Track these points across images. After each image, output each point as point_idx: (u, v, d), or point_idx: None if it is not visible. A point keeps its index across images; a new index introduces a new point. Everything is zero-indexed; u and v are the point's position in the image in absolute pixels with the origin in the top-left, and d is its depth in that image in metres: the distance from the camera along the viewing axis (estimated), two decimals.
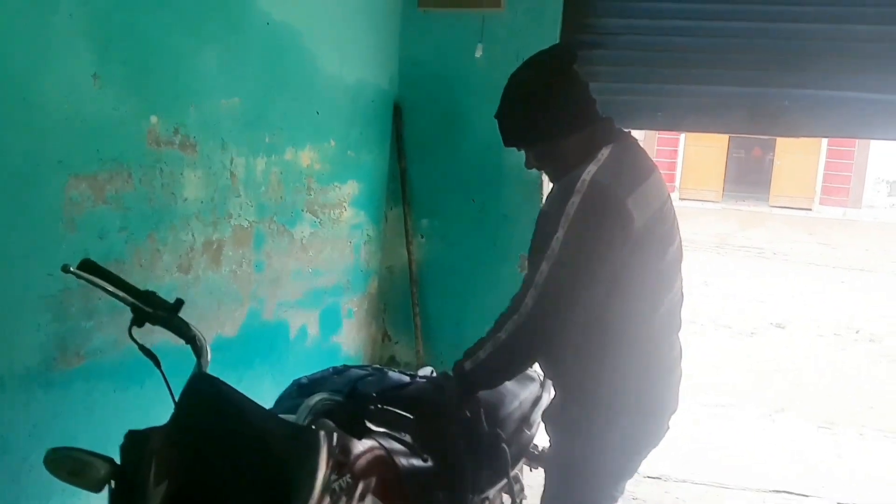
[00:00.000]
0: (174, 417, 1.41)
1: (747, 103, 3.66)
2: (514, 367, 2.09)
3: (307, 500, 1.32)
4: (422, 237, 4.15)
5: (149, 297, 1.70)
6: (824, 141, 19.52)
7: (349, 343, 3.93)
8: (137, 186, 2.39)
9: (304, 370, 2.29)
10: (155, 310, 1.68)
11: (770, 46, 3.58)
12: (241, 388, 1.53)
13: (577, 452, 2.08)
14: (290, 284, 3.33)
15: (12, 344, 2.04)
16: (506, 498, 2.52)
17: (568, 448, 2.10)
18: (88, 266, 1.69)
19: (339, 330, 3.82)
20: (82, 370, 2.26)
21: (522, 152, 2.14)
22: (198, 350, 1.64)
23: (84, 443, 2.20)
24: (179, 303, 1.70)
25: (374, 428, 1.59)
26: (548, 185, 3.97)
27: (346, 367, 2.27)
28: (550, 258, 1.89)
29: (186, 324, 1.67)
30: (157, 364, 1.63)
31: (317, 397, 1.49)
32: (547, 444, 2.30)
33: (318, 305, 3.58)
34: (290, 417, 1.51)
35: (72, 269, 1.61)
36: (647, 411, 2.06)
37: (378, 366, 2.54)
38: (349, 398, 1.56)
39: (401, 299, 4.20)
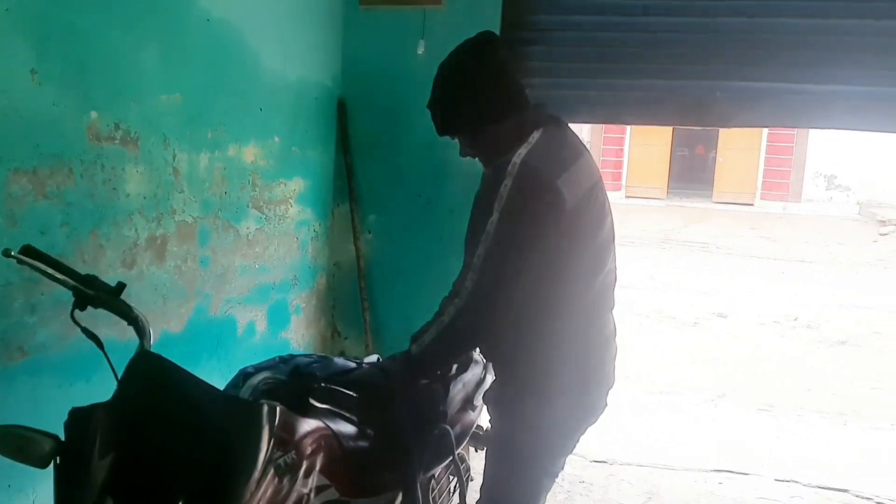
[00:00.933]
0: (118, 393, 1.44)
1: (681, 96, 3.76)
2: (458, 349, 2.16)
3: (250, 473, 1.36)
4: (369, 233, 4.19)
5: (90, 281, 1.72)
6: (764, 138, 20.03)
7: (298, 339, 3.95)
8: (79, 182, 2.39)
9: (251, 364, 2.32)
10: (97, 292, 1.70)
11: (702, 40, 3.69)
12: None
13: (514, 431, 2.14)
14: (237, 280, 3.34)
15: None
16: (452, 478, 2.59)
17: (506, 427, 2.17)
18: (30, 251, 1.70)
19: (287, 326, 3.84)
20: (26, 365, 2.26)
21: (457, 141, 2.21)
22: (140, 330, 1.67)
23: None
24: (121, 286, 1.72)
25: (318, 405, 1.63)
26: None
27: (292, 356, 2.31)
28: (486, 241, 1.95)
29: (128, 305, 1.70)
30: (100, 345, 1.66)
31: (259, 376, 1.54)
32: (488, 425, 2.38)
33: (265, 301, 3.60)
34: None
35: (13, 253, 1.63)
36: (582, 388, 2.13)
37: (324, 354, 2.58)
38: (292, 377, 1.60)
39: (349, 295, 4.23)
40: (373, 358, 2.52)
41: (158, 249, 2.81)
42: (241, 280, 3.38)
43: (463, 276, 2.05)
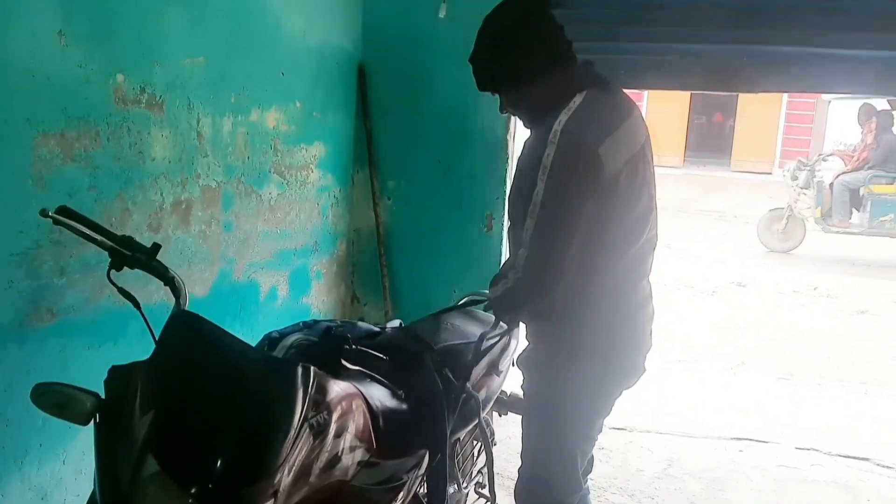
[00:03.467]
0: (157, 351, 1.45)
1: (706, 60, 3.72)
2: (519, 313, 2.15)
3: (287, 432, 1.37)
4: (388, 199, 4.19)
5: (127, 242, 1.73)
6: (783, 106, 19.78)
7: (318, 304, 3.97)
8: (105, 145, 2.39)
9: (276, 329, 2.33)
10: (134, 253, 1.70)
11: (730, 3, 3.64)
12: None
13: (550, 392, 2.15)
14: (259, 245, 3.35)
15: None
16: (476, 443, 2.61)
17: (542, 388, 2.18)
18: (66, 212, 1.71)
19: (308, 291, 3.85)
20: (55, 327, 2.28)
21: (497, 97, 2.19)
22: (176, 290, 1.68)
23: None
24: (156, 247, 1.73)
25: (350, 366, 1.64)
26: (513, 145, 4.03)
27: (316, 321, 2.32)
28: (533, 213, 1.95)
29: (164, 266, 1.70)
30: (137, 305, 1.67)
31: (293, 338, 1.54)
32: (518, 389, 2.38)
33: (287, 267, 3.61)
34: None
35: (50, 213, 1.63)
36: (617, 350, 2.14)
37: (346, 319, 2.59)
38: (324, 339, 1.60)
39: (369, 261, 4.24)
40: (395, 323, 2.52)
41: (183, 214, 2.81)
42: (264, 245, 3.38)
43: (516, 247, 2.04)
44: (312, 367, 1.47)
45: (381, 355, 1.68)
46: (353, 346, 1.61)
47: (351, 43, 4.00)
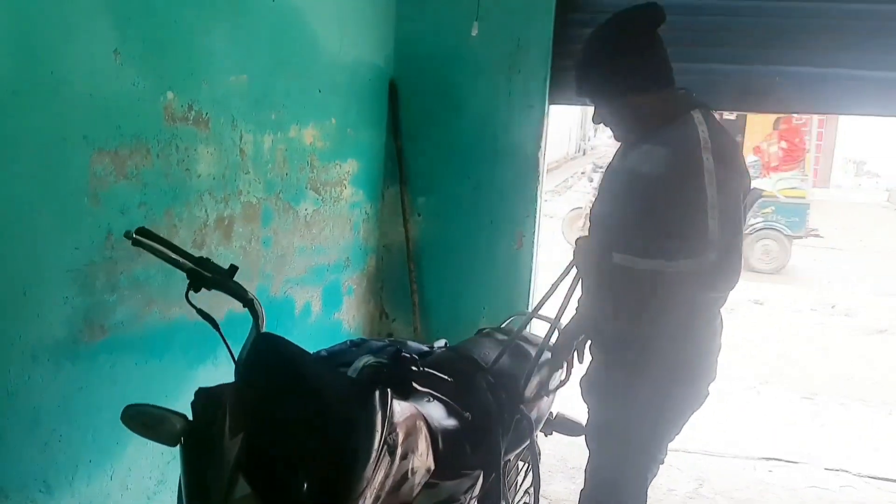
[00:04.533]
0: (242, 373, 1.45)
1: (739, 80, 3.73)
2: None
3: (369, 455, 1.38)
4: (418, 215, 4.19)
5: (204, 263, 1.74)
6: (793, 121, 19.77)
7: (349, 320, 3.97)
8: (155, 162, 2.41)
9: (310, 346, 2.29)
10: (213, 274, 1.71)
11: (762, 23, 3.65)
12: None
13: (626, 417, 2.13)
14: (295, 261, 3.35)
15: (43, 318, 2.06)
16: (522, 464, 2.60)
17: (616, 413, 2.16)
18: (145, 233, 1.72)
19: (340, 307, 3.85)
20: (106, 343, 2.28)
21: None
22: (255, 312, 1.69)
23: (107, 415, 2.25)
24: (234, 268, 1.74)
25: (420, 389, 1.64)
26: (544, 163, 4.03)
27: (364, 340, 2.32)
28: (713, 211, 1.92)
29: (243, 288, 1.71)
30: (216, 327, 1.68)
31: (364, 359, 1.54)
32: (564, 410, 2.38)
33: (320, 282, 3.61)
34: None
35: (134, 234, 1.64)
36: (693, 378, 2.15)
37: (393, 338, 2.59)
38: (393, 361, 1.60)
39: (398, 277, 4.24)
40: (441, 343, 2.52)
41: (226, 230, 2.82)
42: (299, 261, 3.39)
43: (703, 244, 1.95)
44: (388, 391, 1.47)
45: (446, 377, 1.68)
46: (421, 369, 1.62)
47: (383, 59, 4.02)
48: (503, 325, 2.74)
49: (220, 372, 2.48)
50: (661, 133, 2.03)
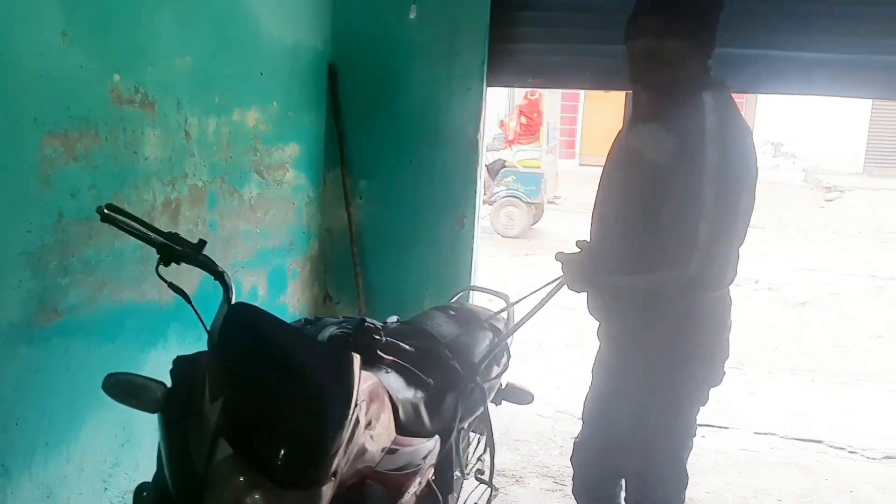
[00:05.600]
0: (219, 342, 1.49)
1: None
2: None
3: (345, 416, 1.43)
4: (360, 198, 4.22)
5: (174, 238, 1.76)
6: None
7: (294, 303, 3.99)
8: (104, 145, 2.40)
9: None
10: (183, 248, 1.74)
11: None
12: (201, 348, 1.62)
13: (676, 394, 2.25)
14: (241, 245, 3.37)
15: None
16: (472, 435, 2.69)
17: (667, 390, 2.26)
18: (114, 209, 1.73)
19: (285, 290, 3.87)
20: (60, 326, 2.28)
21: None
22: (225, 284, 1.72)
23: (62, 398, 2.26)
24: (202, 242, 1.77)
25: (385, 357, 1.70)
26: (483, 145, 4.11)
27: (318, 318, 2.36)
28: (709, 218, 2.01)
29: (212, 260, 1.74)
30: (187, 299, 1.71)
31: (330, 329, 1.60)
32: (514, 380, 2.47)
33: (266, 266, 3.63)
34: None
35: (105, 210, 1.66)
36: (715, 359, 2.27)
37: (348, 316, 2.63)
38: (358, 331, 1.66)
39: (341, 260, 4.27)
40: (393, 319, 2.58)
41: (173, 213, 2.82)
42: (245, 245, 3.40)
43: (688, 249, 2.03)
44: (358, 356, 1.53)
45: (409, 347, 1.75)
46: (386, 339, 1.68)
47: (322, 42, 4.03)
48: (452, 300, 2.81)
49: (172, 354, 2.48)
50: (672, 104, 2.11)
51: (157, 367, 1.64)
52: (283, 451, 1.38)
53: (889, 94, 3.94)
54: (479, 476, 2.63)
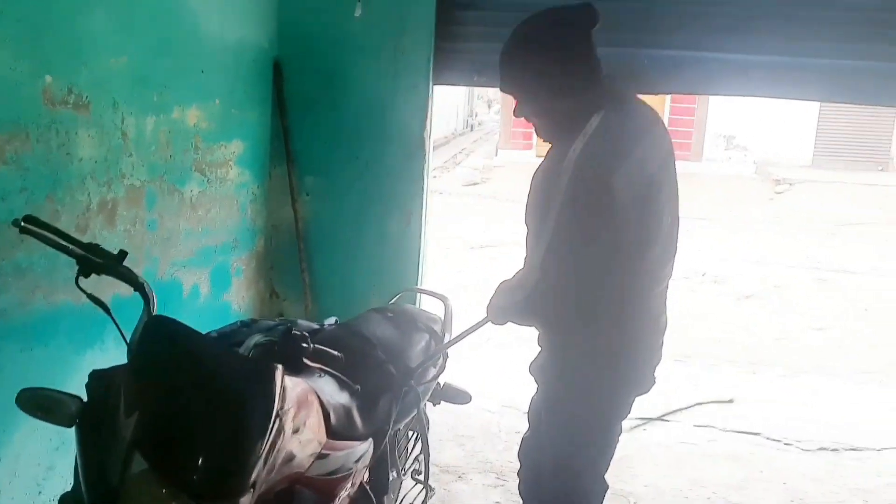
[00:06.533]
0: (136, 355, 1.49)
1: (613, 63, 3.90)
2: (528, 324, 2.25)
3: (264, 428, 1.45)
4: (307, 195, 4.22)
5: (94, 249, 1.75)
6: (668, 100, 20.58)
7: (239, 301, 3.98)
8: (35, 147, 2.38)
9: (199, 328, 2.34)
10: (103, 260, 1.73)
11: (633, 9, 3.84)
12: None
13: (571, 401, 2.24)
14: (182, 243, 3.35)
15: None
16: (411, 433, 2.72)
17: (561, 397, 2.27)
18: (32, 220, 1.72)
19: (228, 288, 3.86)
20: None
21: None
22: (146, 296, 1.72)
23: None
24: (123, 254, 1.76)
25: (311, 364, 1.71)
26: (430, 143, 4.14)
27: (254, 321, 2.37)
28: (546, 237, 2.02)
29: (133, 272, 1.74)
30: (108, 311, 1.70)
31: (255, 338, 1.61)
32: (451, 380, 2.50)
33: (208, 264, 3.61)
34: None
35: (22, 223, 1.65)
36: (631, 361, 2.23)
37: (284, 318, 2.65)
38: (285, 339, 1.68)
39: (288, 257, 4.26)
40: (331, 320, 2.59)
41: (109, 214, 2.80)
42: (186, 243, 3.38)
43: (527, 270, 2.12)
44: (280, 366, 1.54)
45: (337, 353, 1.77)
46: (312, 346, 1.69)
47: (267, 39, 4.01)
48: (392, 302, 2.84)
49: (108, 357, 2.47)
50: (557, 139, 2.10)
51: (94, 369, 1.63)
52: (199, 464, 1.39)
53: (826, 96, 4.05)
54: (415, 476, 2.66)
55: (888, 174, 19.06)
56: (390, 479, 2.35)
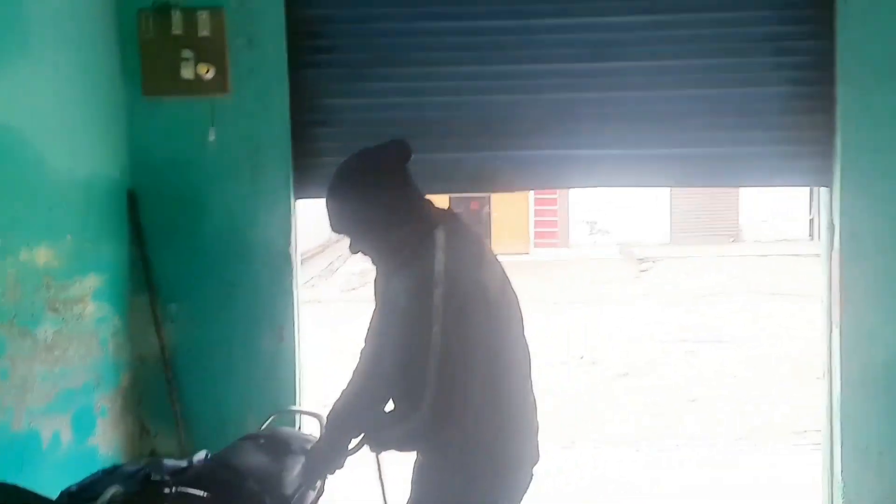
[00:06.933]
0: None
1: (469, 166, 4.07)
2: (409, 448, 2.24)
3: None
4: (172, 322, 4.09)
5: None
6: (531, 193, 21.43)
7: (106, 443, 3.76)
8: None
9: (62, 481, 2.20)
10: None
11: (484, 117, 4.03)
12: None
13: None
14: (38, 389, 3.17)
15: None
16: None
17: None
18: None
19: (93, 431, 3.65)
20: None
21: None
22: None
23: None
24: None
25: None
26: (297, 256, 4.13)
27: (117, 467, 2.25)
28: (436, 355, 2.02)
29: None
30: None
31: (111, 490, 1.52)
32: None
33: (69, 408, 3.42)
34: None
35: None
36: (506, 468, 2.23)
37: (153, 457, 2.52)
38: (144, 486, 1.60)
39: (156, 389, 4.08)
40: (201, 455, 2.48)
41: None
42: (43, 388, 3.21)
43: (419, 392, 2.06)
44: None
45: (202, 492, 1.69)
46: (174, 489, 1.61)
47: (119, 170, 3.94)
48: (264, 427, 2.76)
49: None
50: (396, 264, 2.16)
51: None
52: None
53: (672, 181, 4.35)
54: None
55: (739, 245, 20.36)
56: None
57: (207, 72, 3.93)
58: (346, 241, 2.28)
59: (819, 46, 3.96)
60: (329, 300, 12.80)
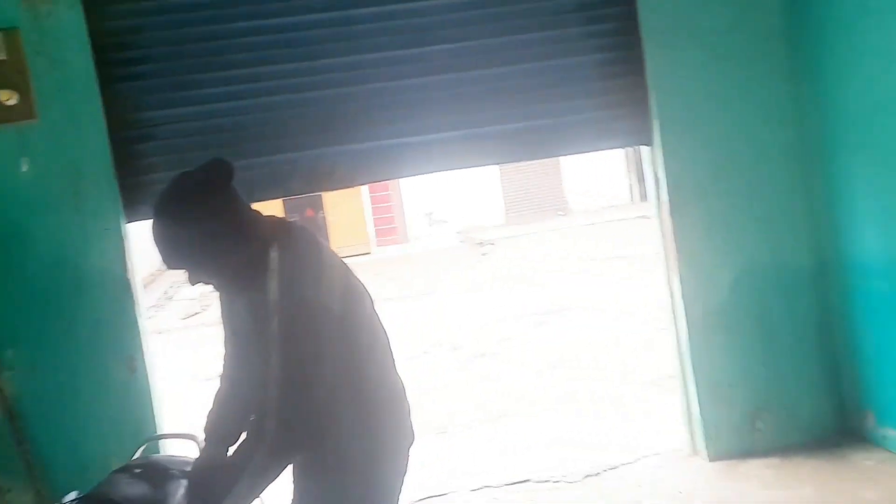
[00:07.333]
0: None
1: (303, 165, 4.01)
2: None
3: None
4: (10, 370, 3.79)
5: None
6: (365, 191, 21.42)
7: None
8: None
9: None
10: None
11: (309, 114, 4.00)
12: None
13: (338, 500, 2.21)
14: None
15: None
16: None
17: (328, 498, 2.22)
18: None
19: None
20: None
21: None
22: None
23: None
24: None
25: None
26: (136, 281, 3.93)
27: None
28: (279, 383, 2.01)
29: None
30: None
31: None
32: None
33: None
34: None
35: None
36: (384, 455, 2.25)
37: None
38: None
39: (3, 443, 3.77)
40: (71, 496, 2.35)
41: None
42: None
43: (269, 419, 2.04)
44: None
45: None
46: None
47: None
48: (135, 457, 2.62)
49: None
50: (242, 287, 2.14)
51: None
52: None
53: (498, 159, 4.48)
54: None
55: (568, 217, 21.27)
56: None
57: (9, 98, 3.69)
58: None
59: (623, 12, 4.21)
60: (170, 329, 12.28)
